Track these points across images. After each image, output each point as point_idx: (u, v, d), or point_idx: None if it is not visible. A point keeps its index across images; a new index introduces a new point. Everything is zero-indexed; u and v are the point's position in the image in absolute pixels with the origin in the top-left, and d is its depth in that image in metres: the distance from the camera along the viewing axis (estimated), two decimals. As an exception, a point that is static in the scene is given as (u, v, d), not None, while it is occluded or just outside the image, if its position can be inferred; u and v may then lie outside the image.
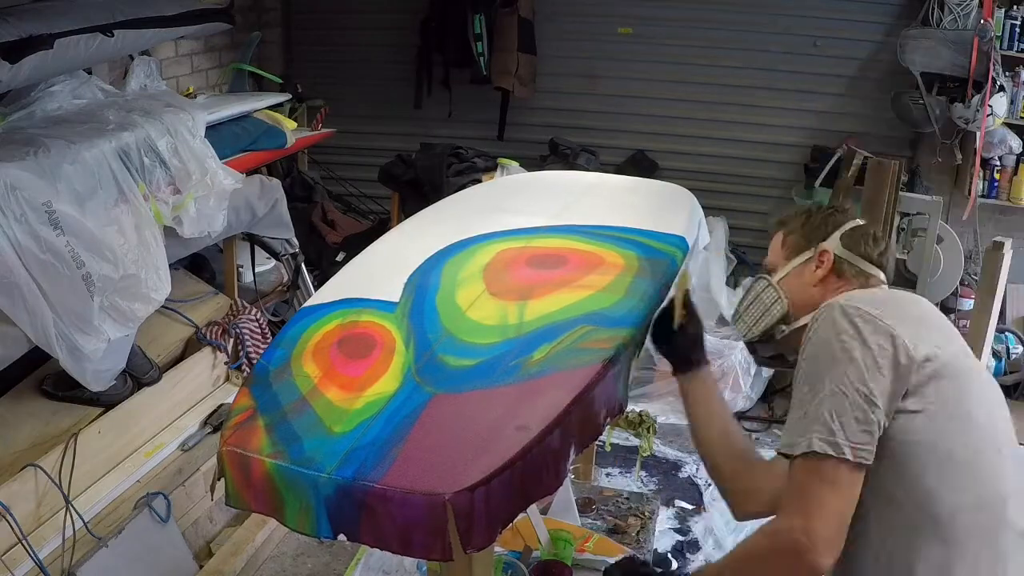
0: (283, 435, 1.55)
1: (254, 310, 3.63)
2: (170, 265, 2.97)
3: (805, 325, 1.63)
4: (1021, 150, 4.32)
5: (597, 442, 3.10)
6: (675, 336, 1.86)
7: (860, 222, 1.76)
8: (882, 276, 1.71)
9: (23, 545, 2.40)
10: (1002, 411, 1.52)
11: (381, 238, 2.38)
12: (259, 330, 3.57)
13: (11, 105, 2.92)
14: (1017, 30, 4.20)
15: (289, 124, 4.07)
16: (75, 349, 2.58)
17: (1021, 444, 3.87)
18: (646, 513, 2.70)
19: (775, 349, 1.78)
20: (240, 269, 3.87)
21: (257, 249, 3.91)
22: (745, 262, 4.82)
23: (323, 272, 4.36)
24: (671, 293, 1.91)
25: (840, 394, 1.37)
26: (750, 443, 1.80)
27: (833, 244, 1.71)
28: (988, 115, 4.09)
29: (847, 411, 1.37)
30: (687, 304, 1.88)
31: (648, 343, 1.91)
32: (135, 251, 2.77)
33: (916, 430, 1.39)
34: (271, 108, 4.09)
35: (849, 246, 1.70)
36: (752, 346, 1.82)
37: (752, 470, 1.72)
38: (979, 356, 3.98)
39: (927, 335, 1.44)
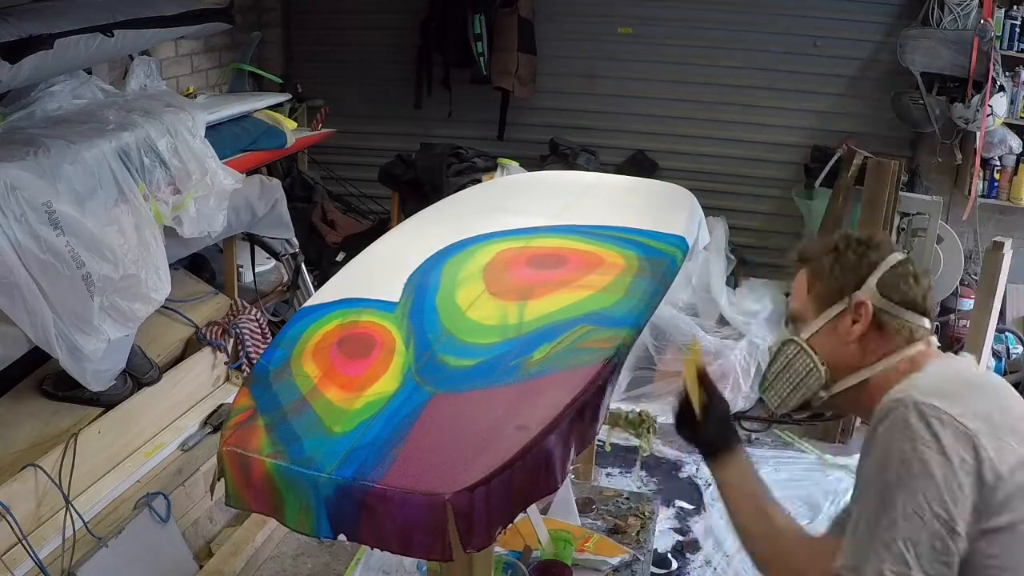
0: (283, 435, 1.55)
1: (254, 310, 3.63)
2: (170, 265, 2.97)
3: (847, 390, 1.48)
4: (1021, 150, 4.31)
5: (597, 442, 3.10)
6: (700, 423, 1.62)
7: (898, 257, 1.51)
8: (927, 324, 1.49)
9: (23, 545, 2.40)
10: None
11: (381, 238, 2.39)
12: (259, 330, 3.57)
13: (11, 105, 2.92)
14: (1017, 30, 4.20)
15: (289, 124, 4.07)
16: (75, 349, 2.58)
17: None
18: (646, 513, 2.70)
19: (810, 411, 1.58)
20: (240, 269, 3.86)
21: (257, 249, 3.91)
22: (745, 262, 4.81)
23: (323, 272, 4.36)
24: (684, 376, 1.64)
25: (916, 518, 1.20)
26: (792, 521, 1.54)
27: (870, 292, 1.47)
28: (988, 115, 4.08)
29: (924, 539, 1.20)
30: (704, 382, 1.66)
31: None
32: (135, 251, 2.77)
33: (998, 554, 1.22)
34: (271, 108, 4.09)
35: (889, 292, 1.47)
36: (786, 413, 1.61)
37: (793, 550, 1.48)
38: (979, 356, 3.98)
39: (1011, 436, 1.26)
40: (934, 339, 1.50)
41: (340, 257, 4.47)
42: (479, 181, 4.20)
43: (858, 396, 1.48)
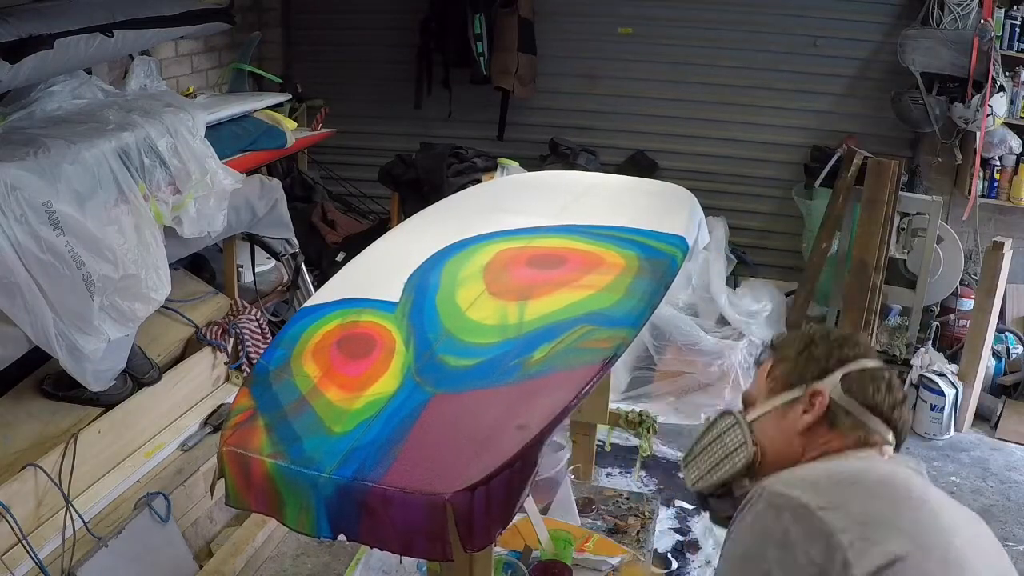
0: (283, 435, 1.56)
1: (254, 310, 3.63)
2: (170, 265, 2.97)
3: None
4: (1021, 150, 4.31)
5: (597, 442, 3.10)
6: None
7: (875, 363, 1.38)
8: (890, 436, 1.34)
9: (23, 545, 2.40)
10: None
11: (381, 238, 2.39)
12: (259, 330, 3.57)
13: (11, 105, 2.91)
14: (1017, 30, 4.20)
15: (289, 124, 4.07)
16: (75, 349, 2.58)
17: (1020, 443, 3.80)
18: (646, 513, 2.70)
19: (733, 508, 1.31)
20: (240, 269, 3.86)
21: (257, 249, 3.91)
22: (745, 262, 4.81)
23: (323, 272, 4.36)
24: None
25: None
26: None
27: (832, 385, 1.34)
28: (988, 115, 4.08)
29: None
30: None
31: None
32: (135, 251, 2.77)
33: None
34: (271, 108, 4.09)
35: (853, 390, 1.34)
36: (704, 499, 1.44)
37: None
38: (979, 356, 3.98)
39: (888, 533, 1.08)
40: (889, 450, 1.33)
41: (340, 257, 4.47)
42: (479, 181, 4.21)
43: None
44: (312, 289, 4.01)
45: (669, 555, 3.06)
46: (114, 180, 2.77)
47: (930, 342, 4.26)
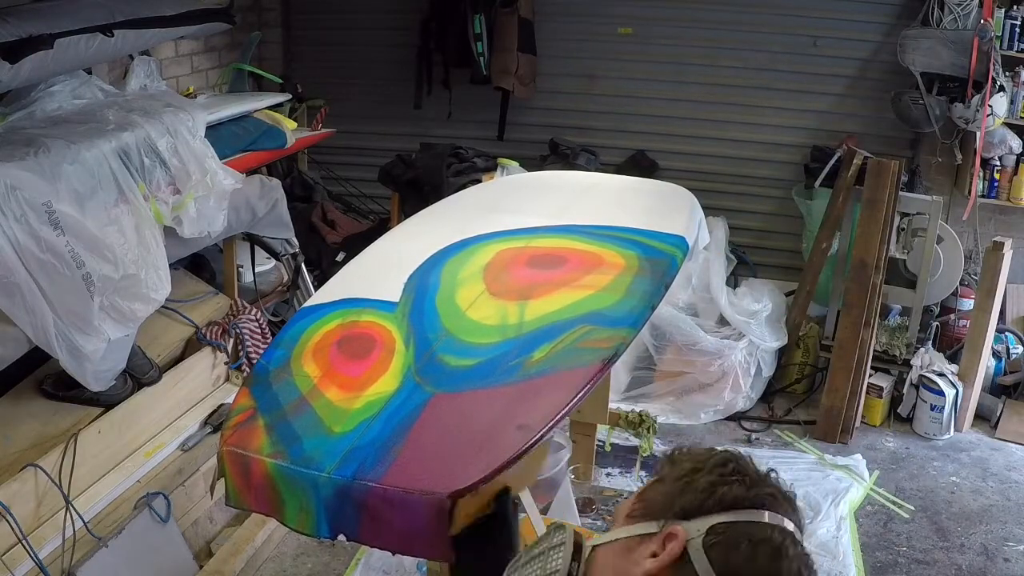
0: (283, 435, 1.56)
1: (254, 310, 3.63)
2: (170, 265, 2.97)
3: None
4: (1021, 150, 4.31)
5: (597, 442, 3.10)
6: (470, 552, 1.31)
7: (775, 523, 1.00)
8: None
9: (23, 545, 2.40)
10: None
11: (381, 238, 2.39)
12: (259, 330, 3.57)
13: (11, 105, 2.92)
14: (1017, 30, 4.20)
15: (289, 124, 4.07)
16: (75, 349, 2.58)
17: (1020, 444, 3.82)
18: (646, 513, 2.70)
19: None
20: (240, 269, 3.86)
21: (257, 249, 3.91)
22: (745, 262, 4.81)
23: (323, 272, 4.36)
24: None
25: None
26: None
27: (695, 531, 0.99)
28: (988, 115, 4.08)
29: None
30: (499, 505, 1.41)
31: None
32: (135, 251, 2.77)
33: None
34: (271, 108, 4.09)
35: (714, 547, 0.98)
36: None
37: None
38: (979, 356, 3.99)
39: None
40: None
41: (340, 257, 4.47)
42: (479, 181, 4.21)
43: None
44: (312, 289, 4.01)
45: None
46: (114, 180, 2.77)
47: (930, 342, 4.26)
